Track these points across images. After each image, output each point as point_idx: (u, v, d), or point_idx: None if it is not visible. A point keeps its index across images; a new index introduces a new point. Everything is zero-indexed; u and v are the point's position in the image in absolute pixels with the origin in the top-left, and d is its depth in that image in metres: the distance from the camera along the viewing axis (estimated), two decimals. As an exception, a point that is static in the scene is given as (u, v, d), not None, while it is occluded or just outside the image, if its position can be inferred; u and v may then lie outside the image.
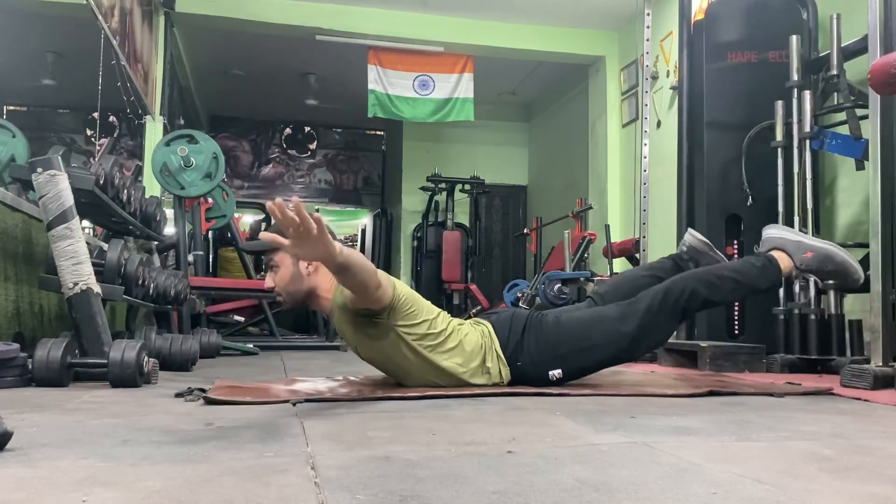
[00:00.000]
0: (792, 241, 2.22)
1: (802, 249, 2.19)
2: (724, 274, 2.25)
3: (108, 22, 4.06)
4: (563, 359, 2.19)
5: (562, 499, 0.92)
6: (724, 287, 2.22)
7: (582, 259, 5.33)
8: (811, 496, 0.96)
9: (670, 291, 2.19)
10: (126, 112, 5.16)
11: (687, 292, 2.18)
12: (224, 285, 5.53)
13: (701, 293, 2.19)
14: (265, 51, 7.13)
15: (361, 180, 10.31)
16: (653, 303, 2.18)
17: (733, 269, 2.26)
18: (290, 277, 2.12)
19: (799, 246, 2.19)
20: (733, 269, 2.27)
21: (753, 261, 2.28)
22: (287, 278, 2.12)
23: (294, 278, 2.12)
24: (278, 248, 2.07)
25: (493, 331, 2.23)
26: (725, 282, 2.22)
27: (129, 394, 2.11)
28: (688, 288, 2.19)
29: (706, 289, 2.20)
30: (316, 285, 2.14)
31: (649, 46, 4.54)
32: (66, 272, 2.34)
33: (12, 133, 3.76)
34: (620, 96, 6.56)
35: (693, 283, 2.20)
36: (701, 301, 2.22)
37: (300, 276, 2.12)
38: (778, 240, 2.25)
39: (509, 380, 2.21)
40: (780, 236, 2.25)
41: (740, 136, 3.59)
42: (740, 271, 2.24)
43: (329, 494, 0.93)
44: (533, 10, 6.19)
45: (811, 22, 3.80)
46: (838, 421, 1.68)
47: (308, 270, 2.13)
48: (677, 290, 2.19)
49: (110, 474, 1.03)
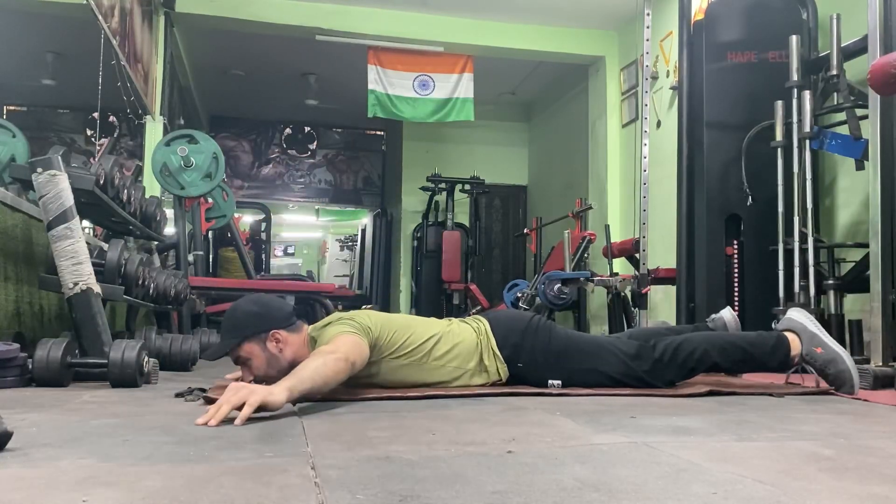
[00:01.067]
0: (809, 331, 2.26)
1: (815, 344, 2.23)
2: (737, 343, 2.29)
3: (108, 22, 4.06)
4: (567, 372, 2.22)
5: (562, 499, 0.92)
6: (735, 356, 2.27)
7: (582, 259, 5.32)
8: (811, 496, 0.96)
9: (683, 347, 2.24)
10: (126, 112, 5.16)
11: (698, 352, 2.23)
12: (224, 285, 5.53)
13: (711, 357, 2.24)
14: (265, 51, 7.13)
15: (361, 180, 10.31)
16: (665, 353, 2.23)
17: (746, 341, 2.30)
18: (266, 362, 2.04)
19: (813, 339, 2.24)
20: (747, 340, 2.31)
21: (767, 337, 2.31)
22: (263, 366, 2.04)
23: (270, 361, 2.04)
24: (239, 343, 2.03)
25: (490, 328, 2.25)
26: (736, 351, 2.27)
27: (129, 394, 2.11)
28: (700, 349, 2.24)
29: (717, 353, 2.25)
30: (294, 356, 2.04)
31: (649, 46, 4.54)
32: (66, 272, 2.33)
33: (12, 133, 3.77)
34: (620, 96, 6.56)
35: (706, 346, 2.25)
36: (710, 364, 2.26)
37: (274, 356, 2.04)
38: (797, 324, 2.30)
39: (507, 377, 2.22)
40: (801, 322, 2.30)
41: (740, 136, 3.59)
42: (753, 344, 2.28)
43: (329, 494, 0.93)
44: (533, 10, 6.19)
45: (811, 22, 3.80)
46: (838, 421, 1.68)
47: (279, 347, 2.05)
48: (689, 347, 2.24)
49: (110, 474, 1.03)
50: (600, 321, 6.08)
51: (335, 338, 1.93)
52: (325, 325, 2.06)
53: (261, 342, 2.03)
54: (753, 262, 3.63)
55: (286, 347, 2.05)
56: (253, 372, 2.05)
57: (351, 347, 1.90)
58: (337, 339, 1.91)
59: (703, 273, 3.72)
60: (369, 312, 2.19)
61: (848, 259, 3.43)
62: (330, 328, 2.01)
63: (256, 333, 2.03)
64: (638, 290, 4.41)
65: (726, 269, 3.70)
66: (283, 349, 2.04)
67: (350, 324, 2.02)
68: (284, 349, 2.04)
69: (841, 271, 3.42)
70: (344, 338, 1.93)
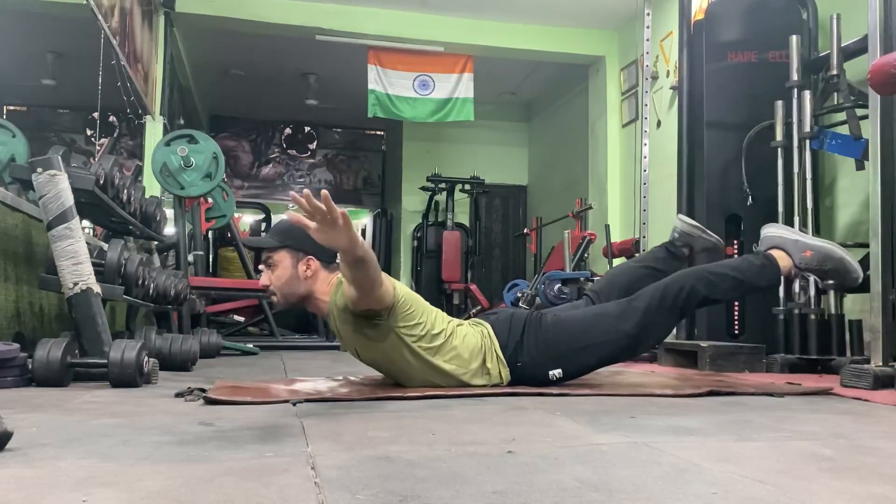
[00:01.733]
0: (791, 239, 2.22)
1: (801, 248, 2.19)
2: (723, 272, 2.24)
3: (108, 22, 4.06)
4: (564, 358, 2.19)
5: (562, 499, 0.92)
6: (723, 285, 2.22)
7: (582, 259, 5.33)
8: (811, 496, 0.96)
9: (668, 289, 2.19)
10: (126, 112, 5.16)
11: (685, 290, 2.18)
12: (224, 285, 5.53)
13: (700, 291, 2.19)
14: (265, 51, 7.13)
15: (361, 180, 10.31)
16: (651, 301, 2.18)
17: (732, 267, 2.25)
18: (287, 278, 2.09)
19: (798, 245, 2.20)
20: (732, 266, 2.26)
21: (753, 259, 2.28)
22: (284, 278, 2.09)
23: (291, 279, 2.09)
24: (278, 247, 2.07)
25: (493, 332, 2.22)
26: (724, 280, 2.22)
27: (129, 394, 2.11)
28: (686, 286, 2.18)
29: (705, 287, 2.19)
30: (313, 289, 2.11)
31: (649, 46, 4.55)
32: (66, 272, 2.34)
33: (12, 133, 3.76)
34: (620, 96, 6.56)
35: (692, 281, 2.20)
36: (700, 299, 2.21)
37: (297, 277, 2.09)
38: (777, 239, 2.25)
39: (509, 380, 2.20)
40: (779, 235, 2.25)
41: (740, 136, 3.59)
42: (739, 269, 2.24)
43: (329, 494, 0.93)
44: (533, 10, 6.19)
45: (811, 22, 3.80)
46: (838, 421, 1.68)
47: (306, 274, 2.10)
48: (675, 288, 2.19)
49: (110, 474, 1.03)
50: (600, 321, 6.06)
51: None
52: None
53: (295, 258, 2.08)
54: (753, 262, 3.63)
55: (312, 278, 2.09)
56: (272, 280, 2.10)
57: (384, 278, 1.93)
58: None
59: (703, 273, 3.71)
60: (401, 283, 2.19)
61: (848, 259, 3.43)
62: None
63: (298, 248, 2.08)
64: (638, 290, 4.40)
65: (726, 269, 3.69)
66: (308, 276, 2.09)
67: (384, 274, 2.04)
68: (310, 277, 2.09)
69: (841, 271, 3.41)
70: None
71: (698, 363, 3.19)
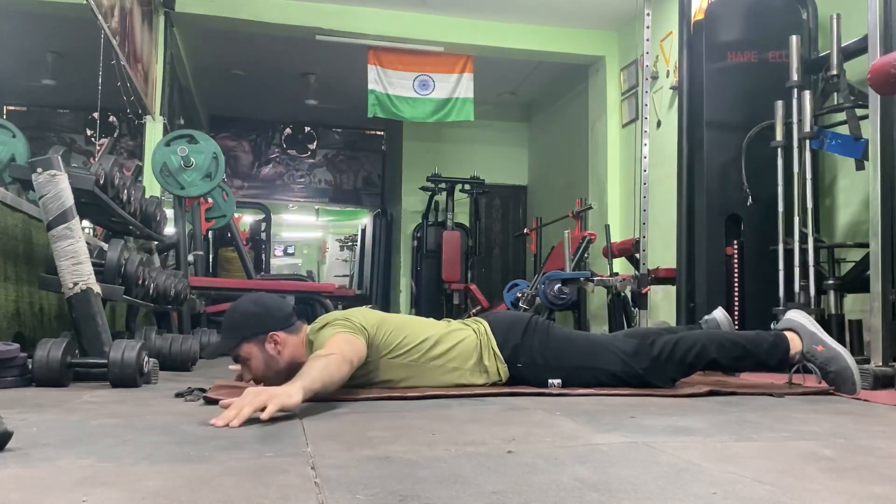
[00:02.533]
0: (808, 330, 2.26)
1: (815, 342, 2.22)
2: (736, 340, 2.28)
3: (108, 22, 4.06)
4: (565, 371, 2.21)
5: (562, 499, 0.92)
6: (733, 352, 2.25)
7: (582, 259, 5.32)
8: (811, 496, 0.96)
9: (682, 343, 2.23)
10: (126, 112, 5.16)
11: (697, 348, 2.22)
12: (224, 285, 5.53)
13: (710, 352, 2.23)
14: (265, 51, 7.13)
15: (361, 180, 10.31)
16: (664, 349, 2.22)
17: (745, 339, 2.29)
18: (263, 365, 2.04)
19: (813, 338, 2.23)
20: (745, 338, 2.30)
21: (765, 336, 2.30)
22: (261, 367, 2.04)
23: (268, 363, 2.04)
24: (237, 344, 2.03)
25: (490, 329, 2.24)
26: (735, 347, 2.25)
27: (129, 394, 2.11)
28: (699, 343, 2.23)
29: (716, 349, 2.23)
30: (292, 357, 2.05)
31: (649, 46, 4.54)
32: (66, 272, 2.33)
33: (12, 133, 3.77)
34: (620, 96, 6.56)
35: (704, 341, 2.24)
36: (708, 360, 2.25)
37: (272, 358, 2.04)
38: (796, 324, 2.29)
39: (508, 377, 2.21)
40: (799, 322, 2.29)
41: (740, 136, 3.58)
42: (751, 341, 2.27)
43: (329, 494, 0.93)
44: (533, 10, 6.19)
45: (811, 22, 3.80)
46: (838, 421, 1.68)
47: (277, 349, 2.04)
48: (688, 343, 2.23)
49: (110, 474, 1.03)
50: (600, 321, 6.08)
51: (330, 340, 1.92)
52: (322, 328, 2.04)
53: (259, 343, 2.03)
54: (753, 262, 3.63)
55: (284, 349, 2.04)
56: (252, 372, 2.05)
57: (347, 347, 1.91)
58: (332, 342, 1.91)
59: (703, 273, 3.72)
60: (365, 311, 2.18)
61: (848, 259, 3.43)
62: (325, 331, 2.01)
63: (255, 335, 2.03)
64: (638, 290, 4.41)
65: (726, 269, 3.69)
66: (281, 351, 2.04)
67: (345, 324, 2.01)
68: (283, 351, 2.04)
69: (841, 271, 3.42)
70: (339, 338, 1.93)
71: (698, 363, 3.19)
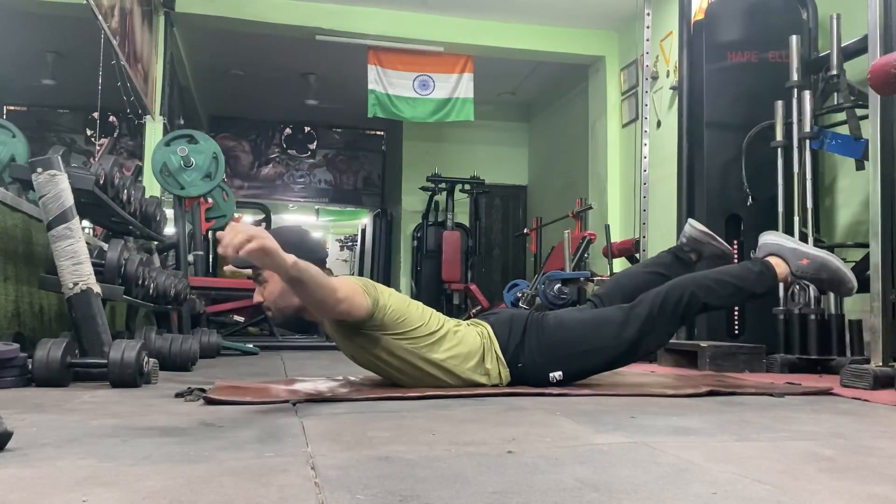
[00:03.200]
0: (789, 247, 2.24)
1: (799, 256, 2.21)
2: (722, 278, 2.26)
3: (108, 22, 4.06)
4: (564, 361, 2.19)
5: (562, 499, 0.92)
6: (722, 291, 2.24)
7: (582, 259, 5.33)
8: (811, 496, 0.96)
9: (669, 296, 2.20)
10: (126, 112, 5.16)
11: (685, 297, 2.20)
12: (224, 285, 5.53)
13: (699, 297, 2.21)
14: (265, 51, 7.13)
15: (361, 180, 10.31)
16: (652, 308, 2.19)
17: (731, 275, 2.27)
18: (278, 292, 2.05)
19: (795, 253, 2.22)
20: (731, 273, 2.28)
21: (750, 266, 2.29)
22: (276, 293, 2.06)
23: (283, 293, 2.04)
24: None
25: (493, 332, 2.22)
26: (724, 286, 2.24)
27: (129, 394, 2.11)
28: (686, 292, 2.20)
29: (704, 293, 2.21)
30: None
31: (649, 46, 4.55)
32: (66, 272, 2.33)
33: (12, 133, 3.77)
34: (620, 96, 6.56)
35: (692, 288, 2.22)
36: (699, 305, 2.23)
37: (289, 290, 2.03)
38: (775, 246, 2.27)
39: (509, 381, 2.20)
40: (777, 242, 2.27)
41: (740, 136, 3.59)
42: (738, 276, 2.25)
43: (329, 494, 0.93)
44: (533, 10, 6.19)
45: (811, 22, 3.80)
46: (838, 421, 1.68)
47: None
48: (676, 294, 2.20)
49: (110, 474, 1.03)
50: (600, 321, 6.06)
51: (338, 279, 1.96)
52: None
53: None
54: (753, 262, 3.63)
55: None
56: (266, 293, 2.07)
57: (348, 291, 1.92)
58: (338, 280, 1.95)
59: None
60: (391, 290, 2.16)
61: (848, 259, 3.42)
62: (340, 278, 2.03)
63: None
64: (638, 290, 4.40)
65: (726, 269, 3.69)
66: None
67: (359, 279, 2.04)
68: None
69: (841, 271, 3.41)
70: (346, 282, 1.96)
71: (698, 363, 3.19)
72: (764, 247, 2.31)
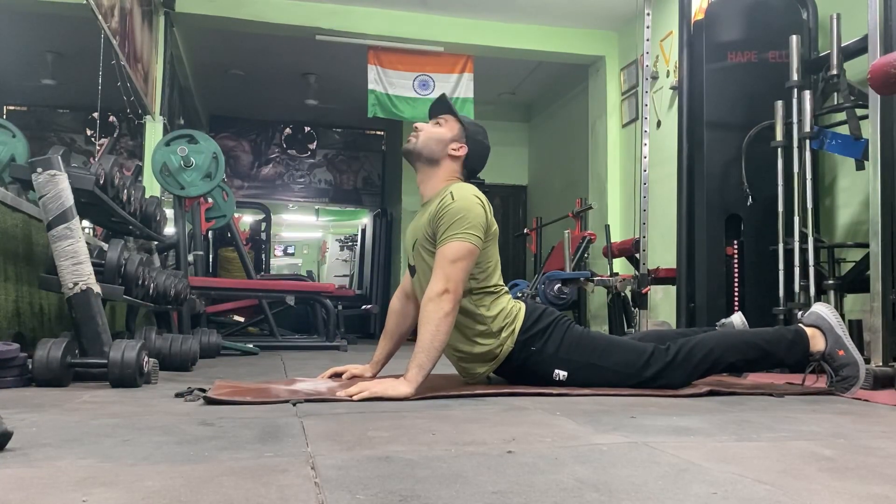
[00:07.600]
0: (836, 334, 2.19)
1: (839, 346, 2.17)
2: (755, 342, 2.23)
3: (108, 22, 4.06)
4: (575, 364, 2.20)
5: (562, 499, 0.92)
6: (751, 355, 2.22)
7: (582, 259, 5.33)
8: (811, 496, 0.96)
9: (698, 348, 2.20)
10: (126, 112, 5.16)
11: (715, 353, 2.19)
12: (224, 285, 5.53)
13: (727, 357, 2.20)
14: (265, 51, 7.13)
15: (361, 180, 10.31)
16: (679, 353, 2.19)
17: (763, 339, 2.24)
18: (439, 137, 2.27)
19: (838, 342, 2.18)
20: (763, 338, 2.24)
21: (784, 333, 2.24)
22: (437, 136, 2.28)
23: (441, 141, 2.27)
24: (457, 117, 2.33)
25: (525, 309, 2.27)
26: (753, 349, 2.22)
27: (129, 394, 2.11)
28: (716, 349, 2.19)
29: (734, 354, 2.21)
30: (442, 163, 2.28)
31: (649, 46, 4.54)
32: (66, 272, 2.33)
33: (12, 133, 3.77)
34: (620, 96, 6.56)
35: (723, 346, 2.21)
36: (726, 364, 2.23)
37: (446, 145, 2.27)
38: (824, 322, 2.21)
39: (507, 355, 2.21)
40: (828, 322, 2.21)
41: (740, 136, 3.58)
42: (770, 342, 2.22)
43: (329, 494, 0.93)
44: (533, 10, 6.19)
45: (811, 22, 3.80)
46: (838, 421, 1.68)
47: (452, 150, 2.28)
48: (706, 348, 2.20)
49: (110, 474, 1.03)
50: (600, 321, 6.08)
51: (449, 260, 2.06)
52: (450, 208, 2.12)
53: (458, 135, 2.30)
54: (753, 262, 3.63)
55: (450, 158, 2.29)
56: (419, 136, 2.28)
57: (464, 275, 2.08)
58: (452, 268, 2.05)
59: (703, 273, 3.72)
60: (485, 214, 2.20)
61: (848, 259, 3.43)
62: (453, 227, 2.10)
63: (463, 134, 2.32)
64: (638, 290, 4.41)
65: (726, 269, 3.69)
66: (450, 154, 2.29)
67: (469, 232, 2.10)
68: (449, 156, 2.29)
69: (841, 271, 3.42)
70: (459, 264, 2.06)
71: (698, 363, 3.18)
72: (814, 316, 2.26)
